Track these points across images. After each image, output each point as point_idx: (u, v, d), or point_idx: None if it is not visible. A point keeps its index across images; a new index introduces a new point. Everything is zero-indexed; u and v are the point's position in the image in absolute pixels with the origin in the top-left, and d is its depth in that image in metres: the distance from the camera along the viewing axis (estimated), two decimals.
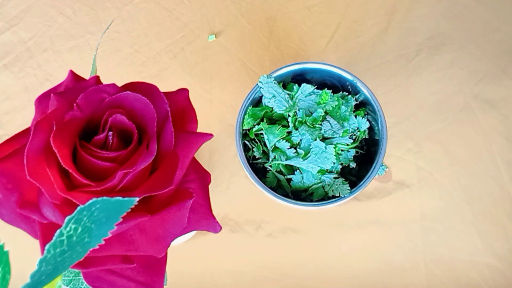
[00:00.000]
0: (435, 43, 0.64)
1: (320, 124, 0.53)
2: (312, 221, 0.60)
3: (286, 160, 0.53)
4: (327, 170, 0.52)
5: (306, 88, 0.54)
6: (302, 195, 0.54)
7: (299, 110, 0.53)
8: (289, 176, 0.53)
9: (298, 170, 0.53)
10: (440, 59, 0.63)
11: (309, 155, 0.52)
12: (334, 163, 0.52)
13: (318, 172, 0.52)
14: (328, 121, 0.53)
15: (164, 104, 0.35)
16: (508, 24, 0.64)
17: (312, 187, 0.53)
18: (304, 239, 0.60)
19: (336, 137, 0.53)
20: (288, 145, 0.52)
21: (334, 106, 0.53)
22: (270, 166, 0.54)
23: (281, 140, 0.53)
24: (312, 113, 0.53)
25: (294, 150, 0.52)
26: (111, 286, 0.35)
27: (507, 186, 0.60)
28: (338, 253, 0.60)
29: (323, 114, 0.53)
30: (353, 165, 0.54)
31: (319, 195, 0.53)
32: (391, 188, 0.61)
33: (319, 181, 0.52)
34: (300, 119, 0.53)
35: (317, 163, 0.52)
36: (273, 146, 0.53)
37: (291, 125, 0.53)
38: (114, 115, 0.35)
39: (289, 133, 0.53)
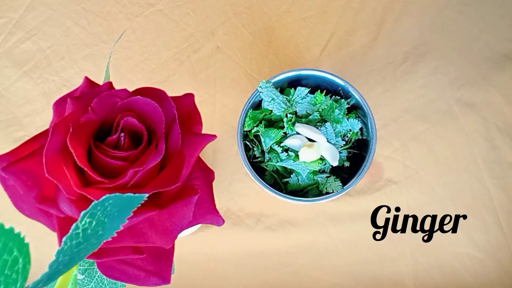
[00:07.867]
0: (420, 52, 0.64)
1: (316, 127, 0.52)
2: (307, 215, 0.60)
3: (280, 161, 0.52)
4: (319, 170, 0.52)
5: (301, 90, 0.54)
6: (298, 194, 0.53)
7: (296, 112, 0.53)
8: (286, 180, 0.53)
9: (294, 173, 0.52)
10: (425, 66, 0.63)
11: (298, 158, 0.52)
12: (325, 164, 0.52)
13: (311, 173, 0.52)
14: (326, 128, 0.52)
15: (172, 108, 0.35)
16: (487, 34, 0.64)
17: (307, 188, 0.52)
18: (300, 231, 0.60)
19: (330, 141, 0.53)
20: (280, 149, 0.52)
21: (328, 105, 0.53)
22: (266, 166, 0.53)
23: (274, 144, 0.52)
24: (310, 114, 0.53)
25: (286, 153, 0.52)
26: (123, 274, 0.35)
27: (486, 183, 0.60)
28: (331, 244, 0.60)
29: (320, 117, 0.53)
30: (347, 164, 0.54)
31: (314, 195, 0.52)
32: (380, 185, 0.61)
33: (313, 182, 0.52)
34: (295, 120, 0.53)
35: (305, 165, 0.51)
36: (269, 148, 0.53)
37: (286, 126, 0.53)
38: (125, 117, 0.35)
39: (286, 134, 0.53)
